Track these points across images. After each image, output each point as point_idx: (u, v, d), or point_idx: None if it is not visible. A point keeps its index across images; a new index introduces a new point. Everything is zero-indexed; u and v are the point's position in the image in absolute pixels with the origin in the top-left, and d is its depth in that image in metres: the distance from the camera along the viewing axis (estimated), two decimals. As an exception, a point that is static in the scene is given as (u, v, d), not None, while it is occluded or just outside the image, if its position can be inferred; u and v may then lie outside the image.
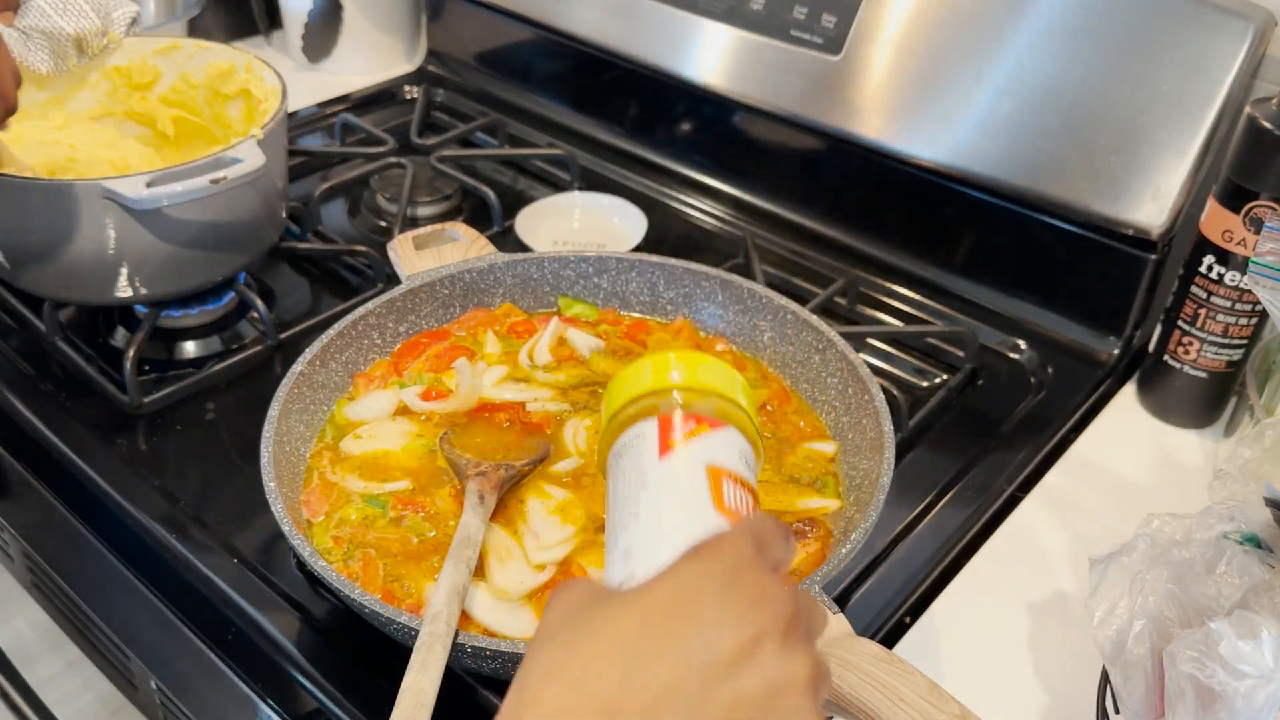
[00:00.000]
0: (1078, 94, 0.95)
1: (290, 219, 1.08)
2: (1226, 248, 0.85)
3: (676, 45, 1.17)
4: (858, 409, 0.78)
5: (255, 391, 0.89)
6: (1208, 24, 0.90)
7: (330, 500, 0.74)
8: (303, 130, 1.31)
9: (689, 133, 1.22)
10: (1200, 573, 0.62)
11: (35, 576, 0.94)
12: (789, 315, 0.85)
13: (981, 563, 0.80)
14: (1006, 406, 0.94)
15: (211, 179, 0.84)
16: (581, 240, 1.13)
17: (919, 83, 1.03)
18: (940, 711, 0.52)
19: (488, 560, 0.69)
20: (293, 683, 0.69)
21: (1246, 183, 0.82)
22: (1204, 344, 0.89)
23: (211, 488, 0.82)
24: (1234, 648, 0.54)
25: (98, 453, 0.84)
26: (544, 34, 1.30)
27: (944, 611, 0.76)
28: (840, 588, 0.75)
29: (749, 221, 1.16)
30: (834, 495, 0.76)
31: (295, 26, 1.43)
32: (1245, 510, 0.67)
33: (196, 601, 0.74)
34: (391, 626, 0.61)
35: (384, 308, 0.85)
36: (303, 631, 0.71)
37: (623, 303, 0.92)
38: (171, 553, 0.76)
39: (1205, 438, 0.93)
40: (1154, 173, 0.92)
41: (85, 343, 0.96)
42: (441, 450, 0.76)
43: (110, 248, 0.87)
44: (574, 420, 0.80)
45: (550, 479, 0.75)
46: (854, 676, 0.54)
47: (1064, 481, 0.88)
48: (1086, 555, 0.68)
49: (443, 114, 1.37)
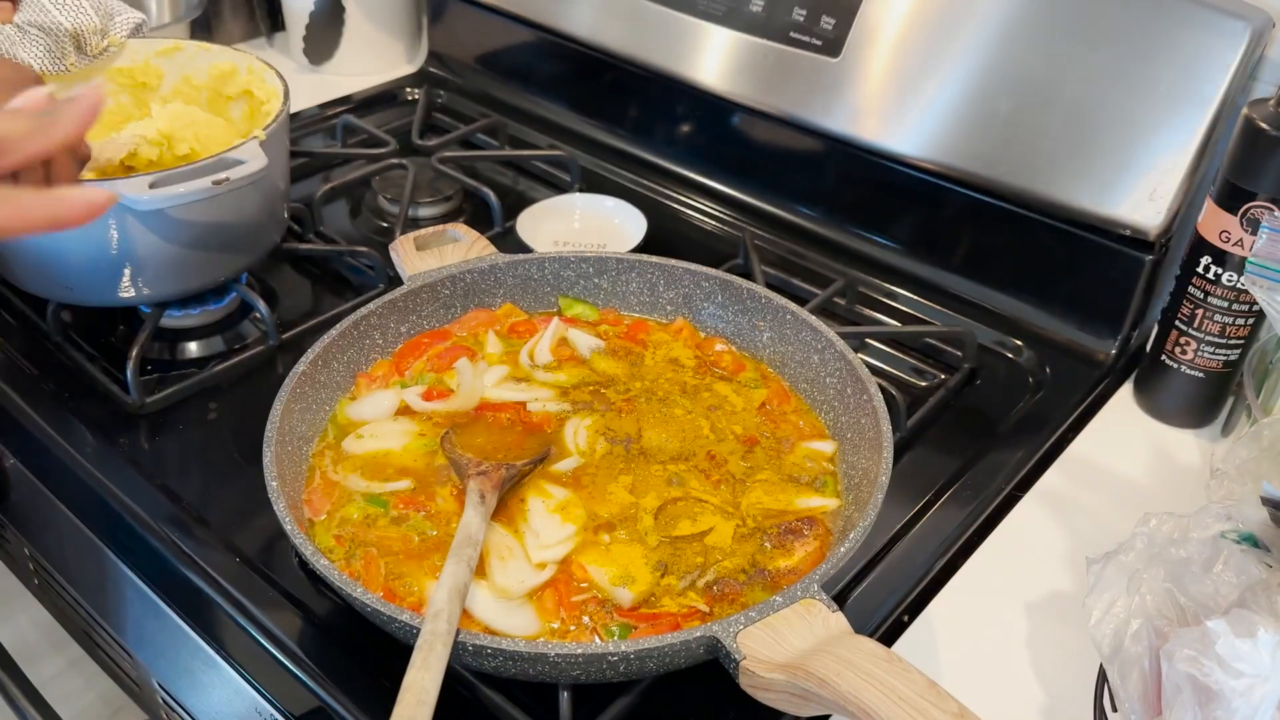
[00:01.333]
0: (1075, 95, 0.95)
1: (292, 220, 1.08)
2: (1224, 248, 0.85)
3: (677, 47, 1.17)
4: (856, 409, 0.78)
5: (257, 391, 0.89)
6: (1205, 25, 0.90)
7: (332, 499, 0.74)
8: (304, 131, 1.32)
9: (689, 134, 1.22)
10: (1197, 572, 0.62)
11: (38, 575, 0.95)
12: (788, 315, 0.85)
13: (980, 562, 0.80)
14: (1004, 406, 0.94)
15: (214, 180, 0.84)
16: (582, 241, 1.14)
17: (917, 84, 1.03)
18: (939, 710, 0.53)
19: (489, 559, 0.69)
20: (294, 681, 0.69)
21: (1243, 183, 0.83)
22: (1201, 344, 0.89)
23: (214, 487, 0.82)
24: (1231, 646, 0.54)
25: (101, 452, 0.84)
26: (545, 36, 1.30)
27: (942, 610, 0.76)
28: (839, 586, 0.76)
29: (748, 222, 1.17)
30: (833, 495, 0.76)
31: (297, 28, 1.44)
32: (1242, 509, 0.67)
33: (199, 600, 0.74)
34: (393, 625, 0.61)
35: (385, 308, 0.85)
36: (304, 630, 0.71)
37: (623, 303, 0.92)
38: (174, 552, 0.76)
39: (1202, 437, 0.93)
40: (1151, 173, 0.93)
41: (88, 343, 0.96)
42: (443, 450, 0.76)
43: (113, 248, 0.88)
44: (574, 420, 0.80)
45: (551, 478, 0.76)
46: (853, 675, 0.55)
47: (1062, 481, 0.88)
48: (1084, 554, 0.68)
49: (444, 115, 1.37)
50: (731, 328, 0.89)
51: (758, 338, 0.88)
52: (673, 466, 0.77)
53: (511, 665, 0.60)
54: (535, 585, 0.68)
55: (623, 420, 0.80)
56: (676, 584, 0.68)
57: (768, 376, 0.86)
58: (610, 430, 0.80)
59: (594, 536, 0.71)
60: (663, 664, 0.61)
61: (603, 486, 0.75)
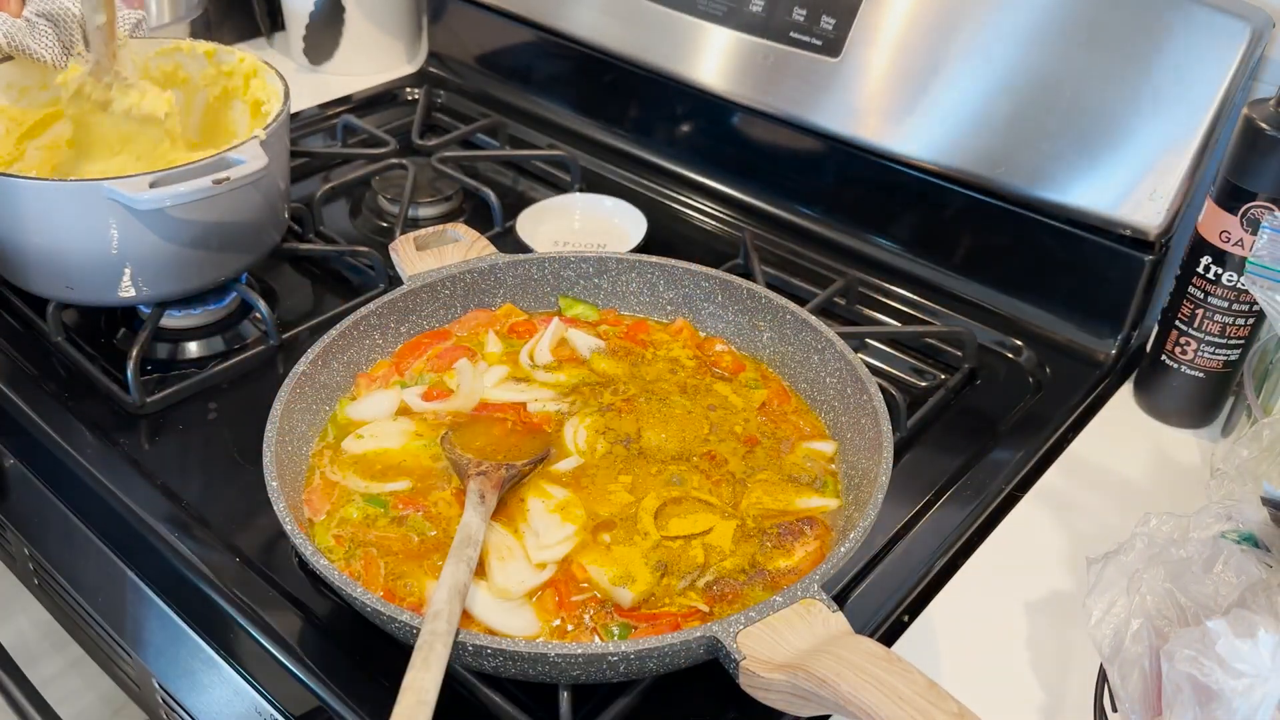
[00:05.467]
0: (1075, 95, 0.95)
1: (292, 220, 1.08)
2: (1224, 248, 0.85)
3: (677, 47, 1.17)
4: (856, 409, 0.78)
5: (257, 391, 0.89)
6: (1205, 25, 0.90)
7: (332, 499, 0.74)
8: (305, 131, 1.32)
9: (689, 134, 1.22)
10: (1198, 572, 0.62)
11: (38, 575, 0.95)
12: (788, 315, 0.85)
13: (980, 562, 0.80)
14: (1004, 406, 0.94)
15: (214, 179, 0.84)
16: (582, 241, 1.14)
17: (917, 84, 1.03)
18: (939, 710, 0.53)
19: (489, 559, 0.69)
20: (294, 681, 0.69)
21: (1244, 183, 0.83)
22: (1201, 344, 0.89)
23: (214, 487, 0.82)
24: (1231, 646, 0.54)
25: (101, 452, 0.84)
26: (545, 36, 1.30)
27: (942, 610, 0.76)
28: (839, 586, 0.76)
29: (748, 222, 1.17)
30: (833, 495, 0.76)
31: (297, 28, 1.44)
32: (1242, 510, 0.67)
33: (198, 600, 0.74)
34: (393, 625, 0.61)
35: (385, 308, 0.85)
36: (304, 630, 0.71)
37: (623, 303, 0.92)
38: (174, 552, 0.76)
39: (1202, 437, 0.93)
40: (1151, 173, 0.93)
41: (88, 343, 0.96)
42: (443, 450, 0.76)
43: (113, 248, 0.88)
44: (574, 420, 0.80)
45: (551, 478, 0.76)
46: (853, 675, 0.55)
47: (1062, 481, 0.88)
48: (1084, 554, 0.68)
49: (444, 115, 1.37)
50: (732, 328, 0.89)
51: (758, 338, 0.88)
52: (673, 466, 0.77)
53: (511, 665, 0.60)
54: (535, 585, 0.68)
55: (622, 420, 0.80)
56: (676, 584, 0.68)
57: (768, 376, 0.86)
58: (610, 430, 0.80)
59: (594, 536, 0.71)
60: (663, 664, 0.61)
61: (603, 486, 0.75)
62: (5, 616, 1.23)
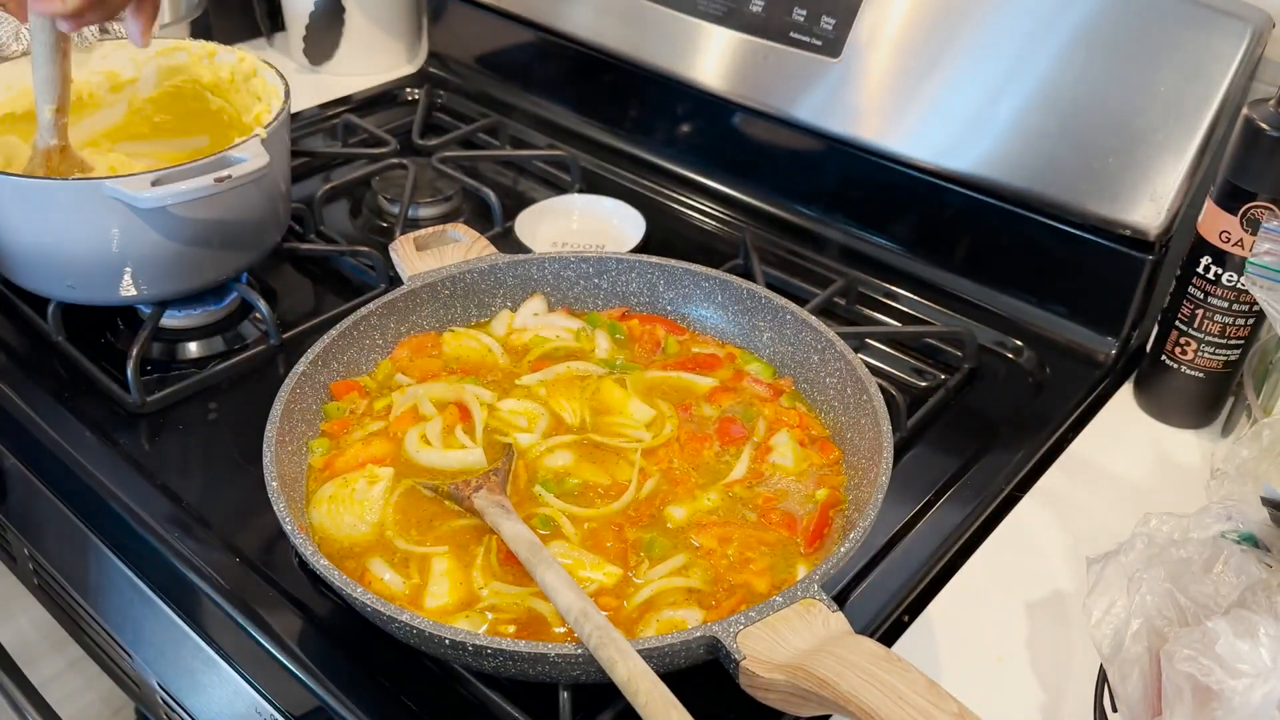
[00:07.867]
0: (1076, 96, 0.95)
1: (293, 219, 1.08)
2: (1224, 248, 0.85)
3: (676, 47, 1.17)
4: (856, 409, 0.78)
5: (257, 391, 0.89)
6: (1205, 25, 0.90)
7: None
8: (305, 131, 1.32)
9: (689, 134, 1.22)
10: (1198, 572, 0.62)
11: (38, 576, 0.95)
12: (788, 315, 0.85)
13: (980, 562, 0.80)
14: (1004, 406, 0.94)
15: (216, 178, 0.84)
16: (581, 241, 1.14)
17: (917, 85, 1.03)
18: (939, 710, 0.53)
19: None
20: (294, 681, 0.69)
21: (1244, 183, 0.83)
22: (1201, 344, 0.89)
23: (214, 487, 0.82)
24: (1231, 647, 0.54)
25: (101, 452, 0.84)
26: (544, 36, 1.30)
27: (942, 610, 0.76)
28: (839, 586, 0.76)
29: (748, 222, 1.17)
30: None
31: (297, 28, 1.44)
32: (1243, 510, 0.67)
33: (198, 601, 0.74)
34: (393, 625, 0.61)
35: (385, 308, 0.85)
36: (305, 630, 0.71)
37: (623, 303, 0.92)
38: (174, 552, 0.76)
39: (1203, 438, 0.93)
40: (1152, 174, 0.93)
41: (88, 343, 0.96)
42: (440, 498, 0.74)
43: (114, 247, 0.88)
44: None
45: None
46: (853, 675, 0.55)
47: (1062, 481, 0.88)
48: (1084, 554, 0.68)
49: (444, 115, 1.37)
50: (732, 328, 0.89)
51: (758, 338, 0.88)
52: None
53: (511, 665, 0.60)
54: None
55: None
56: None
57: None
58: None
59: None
60: (663, 664, 0.61)
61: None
62: (5, 616, 1.23)
